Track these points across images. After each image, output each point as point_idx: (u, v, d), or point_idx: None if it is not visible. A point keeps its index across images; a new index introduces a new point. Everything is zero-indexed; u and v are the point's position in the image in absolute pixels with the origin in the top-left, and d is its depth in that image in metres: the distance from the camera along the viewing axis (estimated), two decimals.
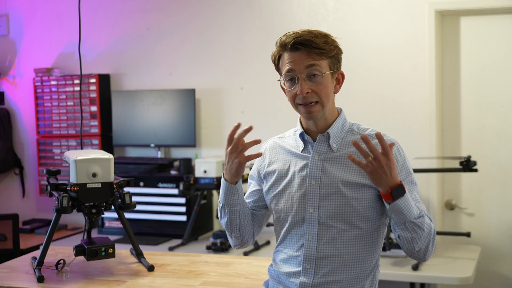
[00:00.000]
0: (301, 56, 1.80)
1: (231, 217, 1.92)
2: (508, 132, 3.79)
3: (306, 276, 1.85)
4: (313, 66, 1.80)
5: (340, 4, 3.94)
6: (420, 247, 1.77)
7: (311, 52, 1.79)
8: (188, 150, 4.36)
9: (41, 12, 4.71)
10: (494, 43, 3.78)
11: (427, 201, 3.80)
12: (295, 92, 1.82)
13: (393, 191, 1.68)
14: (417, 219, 1.74)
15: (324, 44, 1.81)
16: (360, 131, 1.90)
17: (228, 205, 1.90)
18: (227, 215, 1.92)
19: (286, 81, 1.85)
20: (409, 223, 1.73)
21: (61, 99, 4.52)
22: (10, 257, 3.14)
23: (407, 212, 1.71)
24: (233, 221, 1.93)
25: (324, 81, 1.81)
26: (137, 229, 4.02)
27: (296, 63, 1.81)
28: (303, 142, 1.92)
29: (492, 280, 3.83)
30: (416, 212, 1.74)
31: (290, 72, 1.82)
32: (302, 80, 1.80)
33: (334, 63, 1.84)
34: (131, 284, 2.22)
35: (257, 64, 4.15)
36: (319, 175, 1.85)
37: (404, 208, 1.70)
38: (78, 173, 2.25)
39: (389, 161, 1.66)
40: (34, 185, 4.75)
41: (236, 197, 1.89)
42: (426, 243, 1.78)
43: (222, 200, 1.91)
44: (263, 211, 2.02)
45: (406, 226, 1.74)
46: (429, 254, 1.81)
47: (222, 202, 1.91)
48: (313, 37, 1.80)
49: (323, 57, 1.81)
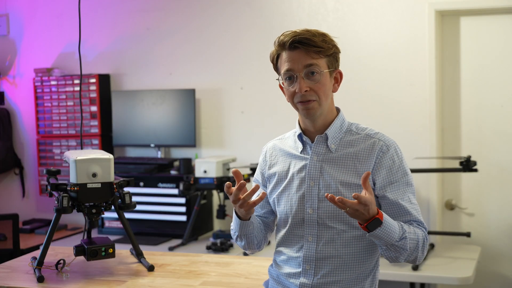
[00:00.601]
0: (299, 55, 1.80)
1: (249, 241, 1.94)
2: (508, 132, 3.78)
3: (306, 276, 1.85)
4: (312, 65, 1.80)
5: (340, 4, 3.94)
6: (406, 259, 1.79)
7: (309, 50, 1.80)
8: (188, 150, 4.36)
9: (41, 12, 4.71)
10: (494, 43, 3.78)
11: (427, 201, 3.80)
12: (294, 91, 1.82)
13: (368, 225, 1.68)
14: (399, 242, 1.73)
15: (322, 42, 1.81)
16: (359, 131, 1.90)
17: (244, 235, 1.92)
18: (244, 241, 1.94)
19: (285, 80, 1.85)
20: (390, 245, 1.74)
21: (61, 99, 4.52)
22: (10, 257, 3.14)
23: (387, 238, 1.71)
24: (250, 243, 1.95)
25: (322, 79, 1.81)
26: (137, 229, 4.02)
27: (295, 62, 1.81)
28: (301, 143, 1.92)
29: (492, 280, 3.83)
30: (398, 235, 1.73)
31: (289, 71, 1.82)
32: (301, 79, 1.81)
33: (332, 62, 1.85)
34: (131, 284, 2.22)
35: (257, 64, 4.15)
36: (318, 176, 1.85)
37: (382, 236, 1.70)
38: (78, 173, 2.25)
39: (367, 205, 1.64)
40: (34, 185, 4.75)
41: (251, 228, 1.90)
42: (414, 256, 1.79)
43: (237, 231, 1.91)
44: (272, 217, 2.04)
45: (388, 247, 1.75)
46: (419, 260, 1.82)
47: (238, 233, 1.92)
48: (311, 35, 1.80)
49: (321, 56, 1.81)
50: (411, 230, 1.77)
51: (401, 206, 1.81)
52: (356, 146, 1.87)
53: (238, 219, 1.88)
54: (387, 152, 1.84)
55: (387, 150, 1.84)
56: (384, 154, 1.83)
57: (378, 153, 1.83)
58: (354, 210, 1.64)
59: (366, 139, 1.87)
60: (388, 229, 1.70)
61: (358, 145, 1.86)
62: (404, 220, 1.82)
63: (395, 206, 1.82)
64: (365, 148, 1.85)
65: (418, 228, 1.81)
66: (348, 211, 1.65)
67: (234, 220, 1.91)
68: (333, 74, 1.87)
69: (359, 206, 1.64)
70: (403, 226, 1.76)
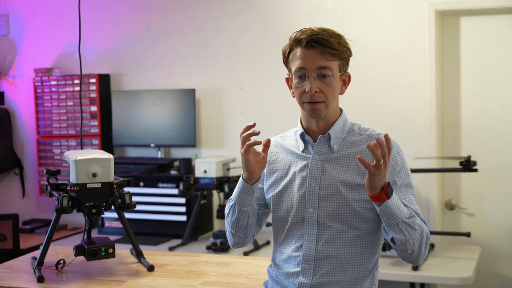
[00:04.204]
0: (314, 55, 1.80)
1: (240, 217, 1.89)
2: (508, 132, 3.78)
3: (305, 276, 1.85)
4: (325, 68, 1.79)
5: (340, 4, 3.94)
6: (413, 249, 1.77)
7: (325, 52, 1.79)
8: (188, 150, 4.36)
9: (41, 12, 4.71)
10: (494, 43, 3.78)
11: (427, 201, 3.80)
12: (304, 89, 1.82)
13: (387, 189, 1.69)
14: (409, 219, 1.75)
15: (338, 45, 1.81)
16: (361, 132, 1.90)
17: (240, 205, 1.87)
18: (236, 214, 1.89)
19: (295, 77, 1.84)
20: (401, 223, 1.73)
21: (61, 99, 4.52)
22: (10, 257, 3.14)
23: (398, 212, 1.71)
24: (240, 221, 1.90)
25: (333, 82, 1.81)
26: (137, 229, 4.02)
27: (309, 61, 1.80)
28: (303, 143, 1.91)
29: (492, 280, 3.83)
30: (407, 212, 1.75)
31: (301, 69, 1.81)
32: (312, 79, 1.80)
33: (343, 64, 1.85)
34: (131, 284, 2.22)
35: (257, 64, 4.15)
36: (319, 176, 1.85)
37: (394, 209, 1.71)
38: (78, 173, 2.25)
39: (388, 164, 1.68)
40: (34, 185, 4.75)
41: (250, 198, 1.86)
42: (419, 244, 1.78)
43: (234, 198, 1.88)
44: (264, 210, 2.01)
45: (399, 227, 1.74)
46: (422, 257, 1.81)
47: (234, 201, 1.88)
48: (328, 36, 1.80)
49: (335, 58, 1.81)
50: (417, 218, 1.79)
51: None
52: (359, 146, 1.87)
53: (242, 181, 1.85)
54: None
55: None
56: None
57: None
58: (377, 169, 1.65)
59: (368, 140, 1.87)
60: (398, 202, 1.72)
61: (360, 146, 1.87)
62: None
63: None
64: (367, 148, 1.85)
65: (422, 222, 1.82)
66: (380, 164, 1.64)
67: (236, 188, 1.88)
68: (342, 77, 1.87)
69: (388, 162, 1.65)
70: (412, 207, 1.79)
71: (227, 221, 1.95)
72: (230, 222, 1.93)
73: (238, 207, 1.88)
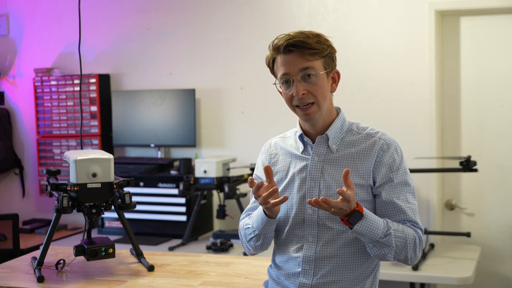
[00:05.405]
0: (294, 58, 1.79)
1: (264, 241, 1.91)
2: (508, 132, 3.78)
3: (305, 277, 1.85)
4: (307, 68, 1.79)
5: (340, 4, 3.94)
6: (396, 258, 1.79)
7: (304, 53, 1.79)
8: (188, 150, 4.36)
9: (41, 12, 4.71)
10: (494, 43, 3.78)
11: (427, 201, 3.80)
12: (291, 94, 1.82)
13: (350, 219, 1.70)
14: (383, 238, 1.74)
15: (317, 44, 1.80)
16: (359, 130, 1.90)
17: (264, 234, 1.88)
18: (261, 240, 1.91)
19: (282, 84, 1.85)
20: (375, 242, 1.74)
21: (61, 99, 4.52)
22: (10, 257, 3.14)
23: (370, 234, 1.72)
24: (264, 245, 1.93)
25: (319, 81, 1.81)
26: (137, 229, 4.02)
27: (290, 65, 1.80)
28: (302, 144, 1.91)
29: (492, 280, 3.84)
30: (382, 232, 1.74)
31: (285, 75, 1.82)
32: (297, 82, 1.80)
33: (328, 62, 1.84)
34: (131, 284, 2.22)
35: (257, 64, 4.14)
36: (319, 177, 1.85)
37: (365, 232, 1.72)
38: (78, 173, 2.25)
39: (349, 202, 1.67)
40: (34, 185, 4.75)
41: (274, 226, 1.88)
42: (405, 253, 1.78)
43: (258, 230, 1.87)
44: None
45: (373, 245, 1.76)
46: (412, 260, 1.82)
47: (258, 232, 1.88)
48: (305, 37, 1.79)
49: (317, 57, 1.80)
50: (399, 228, 1.77)
51: (395, 205, 1.81)
52: (357, 146, 1.87)
53: (265, 216, 1.84)
54: (387, 151, 1.84)
55: (388, 149, 1.84)
56: (385, 152, 1.84)
57: (379, 151, 1.84)
58: (339, 209, 1.67)
59: (367, 139, 1.87)
60: (370, 224, 1.72)
61: (359, 145, 1.86)
62: (398, 219, 1.81)
63: (390, 204, 1.82)
64: (366, 147, 1.85)
65: (410, 228, 1.80)
66: (333, 211, 1.67)
67: (257, 218, 1.87)
68: (330, 74, 1.86)
69: (342, 204, 1.66)
70: (389, 223, 1.77)
71: (249, 244, 1.95)
72: (253, 245, 1.94)
73: (263, 236, 1.89)
